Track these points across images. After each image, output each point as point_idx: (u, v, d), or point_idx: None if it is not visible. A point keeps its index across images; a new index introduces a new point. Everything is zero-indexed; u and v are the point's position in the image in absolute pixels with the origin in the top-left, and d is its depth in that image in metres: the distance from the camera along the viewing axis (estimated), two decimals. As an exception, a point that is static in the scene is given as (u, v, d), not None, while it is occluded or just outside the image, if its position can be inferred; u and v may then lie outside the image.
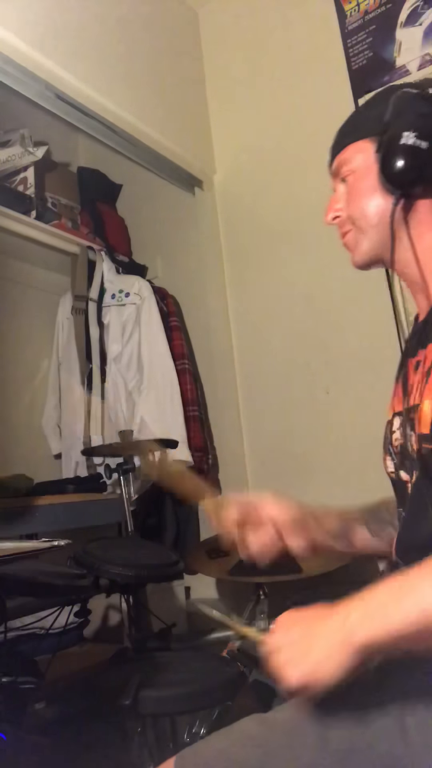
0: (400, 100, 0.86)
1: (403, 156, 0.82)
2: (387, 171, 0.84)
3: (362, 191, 0.89)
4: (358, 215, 0.90)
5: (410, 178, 0.84)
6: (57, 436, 2.45)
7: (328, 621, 0.65)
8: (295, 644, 0.65)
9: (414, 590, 0.62)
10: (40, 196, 2.37)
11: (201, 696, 0.96)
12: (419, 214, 0.87)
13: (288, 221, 2.30)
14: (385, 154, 0.84)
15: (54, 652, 1.39)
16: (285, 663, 0.65)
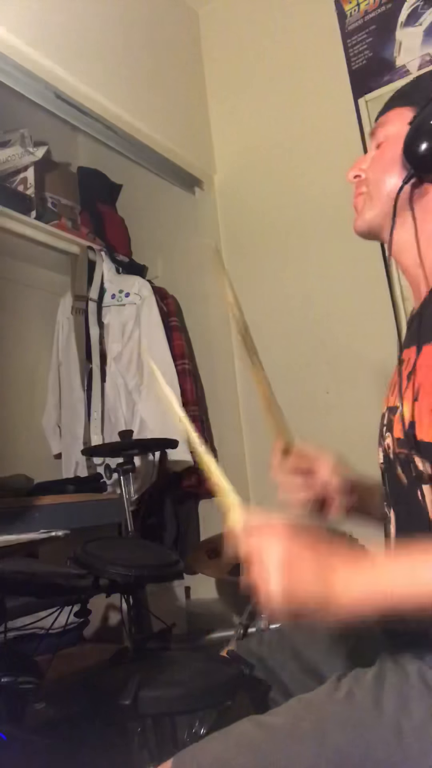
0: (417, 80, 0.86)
1: (427, 136, 0.81)
2: (408, 146, 0.83)
3: (386, 160, 0.88)
4: (374, 181, 0.90)
5: (428, 161, 0.82)
6: (57, 436, 2.45)
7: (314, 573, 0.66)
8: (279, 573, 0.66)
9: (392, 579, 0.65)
10: (40, 196, 2.37)
11: (201, 696, 0.96)
12: (428, 199, 0.85)
13: (288, 221, 2.30)
14: (414, 128, 0.82)
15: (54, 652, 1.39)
16: (266, 585, 0.66)
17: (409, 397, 0.78)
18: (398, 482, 0.83)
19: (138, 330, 2.34)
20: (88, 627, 1.83)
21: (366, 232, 0.92)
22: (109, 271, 2.43)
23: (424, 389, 0.75)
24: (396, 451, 0.81)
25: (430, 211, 0.85)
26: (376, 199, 0.89)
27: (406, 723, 0.67)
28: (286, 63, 2.38)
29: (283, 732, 0.72)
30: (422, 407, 0.75)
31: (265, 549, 0.68)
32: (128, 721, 0.93)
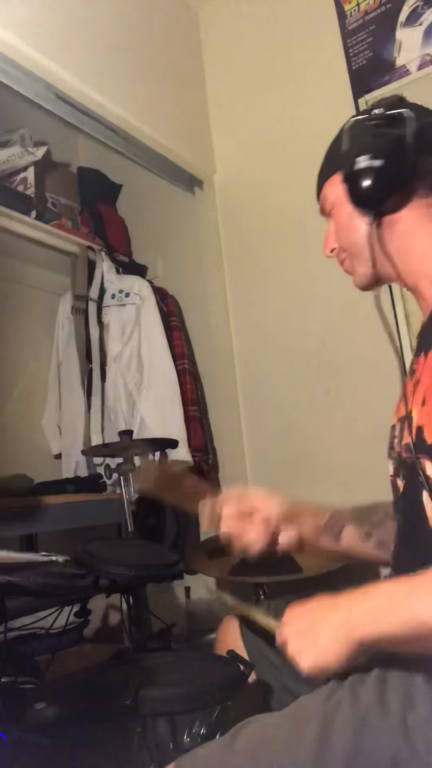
0: (353, 129, 0.92)
1: (362, 179, 0.86)
2: (353, 197, 0.89)
3: (344, 221, 0.94)
4: (346, 243, 0.96)
5: (376, 197, 0.87)
6: (57, 436, 2.45)
7: (333, 614, 0.72)
8: (304, 635, 0.73)
9: (410, 600, 0.67)
10: (40, 196, 2.37)
11: (201, 696, 0.96)
12: (399, 228, 0.89)
13: (288, 221, 2.30)
14: (349, 182, 0.88)
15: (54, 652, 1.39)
16: (296, 652, 0.73)
17: (417, 402, 0.79)
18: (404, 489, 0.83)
19: (138, 330, 2.34)
20: (88, 627, 1.83)
21: (367, 285, 0.97)
22: (109, 271, 2.43)
23: (429, 394, 0.77)
24: (404, 456, 0.81)
25: (407, 235, 0.89)
26: (359, 255, 0.93)
27: (412, 719, 0.67)
28: (286, 63, 2.38)
29: (289, 734, 0.71)
30: (430, 411, 0.76)
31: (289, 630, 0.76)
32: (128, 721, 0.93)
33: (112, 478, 2.01)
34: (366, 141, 0.87)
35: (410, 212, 0.88)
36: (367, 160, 0.85)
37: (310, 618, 0.74)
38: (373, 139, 0.87)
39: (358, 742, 0.67)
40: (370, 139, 0.87)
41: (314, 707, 0.74)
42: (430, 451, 0.76)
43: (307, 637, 0.72)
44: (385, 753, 0.66)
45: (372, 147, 0.86)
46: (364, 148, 0.86)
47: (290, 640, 0.74)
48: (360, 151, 0.87)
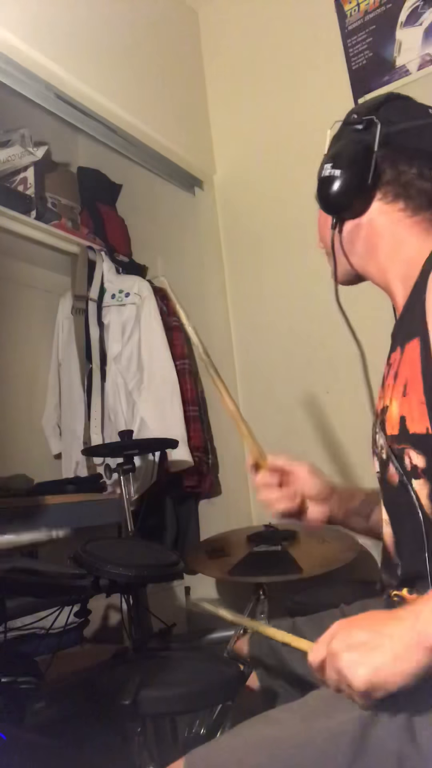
0: (333, 135, 0.95)
1: (324, 187, 0.91)
2: (319, 202, 0.94)
3: (321, 221, 1.01)
4: (323, 242, 1.02)
5: (336, 204, 0.92)
6: (57, 436, 2.45)
7: (397, 622, 0.64)
8: (361, 646, 0.64)
9: None
10: (40, 196, 2.37)
11: (201, 696, 0.96)
12: (366, 230, 0.93)
13: (288, 221, 2.30)
14: (318, 186, 0.93)
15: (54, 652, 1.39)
16: (350, 664, 0.63)
17: (398, 394, 0.81)
18: (391, 482, 0.84)
19: (138, 330, 2.34)
20: (88, 627, 1.83)
21: (346, 281, 1.05)
22: (109, 271, 2.42)
23: (411, 384, 0.78)
24: (390, 446, 0.82)
25: (373, 236, 0.92)
26: (330, 253, 1.00)
27: (417, 721, 0.68)
28: (286, 63, 2.38)
29: (298, 728, 0.72)
30: (411, 401, 0.78)
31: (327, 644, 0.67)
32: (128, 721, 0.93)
33: (112, 478, 2.01)
34: (337, 147, 0.91)
35: (376, 216, 0.91)
36: (329, 169, 0.90)
37: (366, 628, 0.66)
38: (343, 146, 0.90)
39: (365, 738, 0.67)
40: (340, 145, 0.91)
41: (323, 701, 0.74)
42: (413, 440, 0.78)
43: (364, 647, 0.63)
44: (391, 749, 0.67)
45: (338, 154, 0.90)
46: (330, 156, 0.91)
47: (342, 654, 0.64)
48: (327, 158, 0.91)
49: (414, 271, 0.84)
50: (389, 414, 0.83)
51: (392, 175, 0.88)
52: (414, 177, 0.87)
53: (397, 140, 0.88)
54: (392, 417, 0.82)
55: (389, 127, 0.88)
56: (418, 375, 0.77)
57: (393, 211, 0.89)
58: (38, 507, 1.72)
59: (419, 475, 0.78)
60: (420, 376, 0.77)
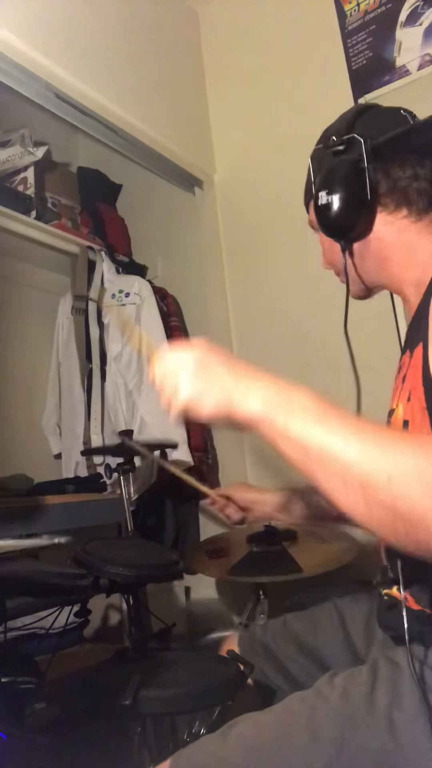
0: (315, 160, 0.97)
1: (326, 213, 0.90)
2: (323, 229, 0.94)
3: (326, 245, 1.01)
4: (332, 264, 1.02)
5: (342, 228, 0.92)
6: (57, 436, 2.45)
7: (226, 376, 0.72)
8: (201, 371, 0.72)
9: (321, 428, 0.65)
10: (40, 196, 2.37)
11: (201, 696, 0.96)
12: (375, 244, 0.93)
13: (288, 221, 2.30)
14: (317, 215, 0.93)
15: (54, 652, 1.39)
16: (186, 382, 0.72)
17: (403, 398, 0.82)
18: None
19: (138, 330, 2.34)
20: (88, 627, 1.83)
21: (361, 296, 1.05)
22: (109, 271, 2.42)
23: (415, 389, 0.79)
24: None
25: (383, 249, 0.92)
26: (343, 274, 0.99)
27: (398, 716, 0.69)
28: (286, 63, 2.38)
29: (278, 728, 0.73)
30: (414, 406, 0.78)
31: (178, 357, 0.76)
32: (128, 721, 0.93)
33: (112, 478, 2.01)
34: (325, 171, 0.91)
35: (382, 228, 0.91)
36: (324, 197, 0.90)
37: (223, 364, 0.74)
38: (331, 169, 0.90)
39: (344, 736, 0.69)
40: (328, 169, 0.91)
41: (303, 702, 0.75)
42: None
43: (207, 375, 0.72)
44: (371, 746, 0.68)
45: (328, 181, 0.90)
46: (322, 183, 0.91)
47: (188, 367, 0.73)
48: (319, 185, 0.91)
49: (427, 276, 0.84)
50: (395, 417, 0.84)
51: (388, 185, 0.88)
52: (410, 180, 0.87)
53: (384, 149, 0.88)
54: (397, 420, 0.82)
55: (373, 140, 0.88)
56: (421, 381, 0.78)
57: (397, 219, 0.89)
58: (38, 507, 1.71)
59: None
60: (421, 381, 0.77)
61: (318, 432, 0.62)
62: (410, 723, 0.67)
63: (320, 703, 0.73)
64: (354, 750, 0.68)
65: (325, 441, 0.61)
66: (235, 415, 0.68)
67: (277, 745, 0.71)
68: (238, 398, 0.68)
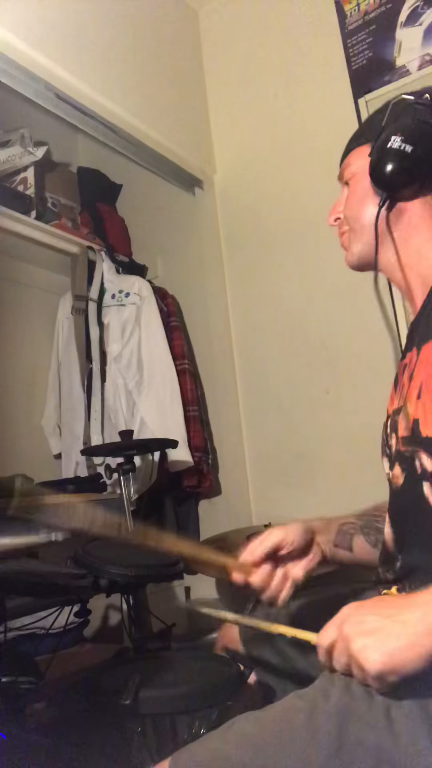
0: (397, 106, 0.89)
1: (388, 159, 0.86)
2: (374, 174, 0.88)
3: (358, 194, 0.94)
4: (352, 217, 0.95)
5: (395, 181, 0.87)
6: (57, 436, 2.45)
7: (411, 609, 0.64)
8: (375, 631, 0.64)
9: None
10: (40, 196, 2.37)
11: (201, 696, 0.96)
12: (407, 217, 0.90)
13: (288, 221, 2.30)
14: (375, 157, 0.88)
15: (54, 652, 1.39)
16: (364, 649, 0.63)
17: (412, 396, 0.80)
18: (396, 482, 0.84)
19: (138, 330, 2.34)
20: (88, 627, 1.83)
21: (357, 264, 0.97)
22: (109, 271, 2.42)
23: (426, 386, 0.78)
24: (401, 449, 0.82)
25: (411, 227, 0.89)
26: (359, 232, 0.94)
27: (396, 712, 0.68)
28: (286, 63, 2.38)
29: (278, 724, 0.73)
30: (426, 404, 0.77)
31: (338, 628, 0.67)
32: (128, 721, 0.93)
33: (112, 478, 2.01)
34: (405, 123, 0.87)
35: (422, 205, 0.89)
36: (399, 142, 0.85)
37: (379, 614, 0.66)
38: (412, 124, 0.86)
39: (343, 732, 0.68)
40: (409, 122, 0.86)
41: (303, 699, 0.75)
42: (425, 444, 0.77)
43: (378, 632, 0.63)
44: (370, 743, 0.67)
45: (408, 131, 0.85)
46: (401, 129, 0.86)
47: (355, 638, 0.65)
48: (396, 130, 0.86)
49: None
50: (402, 416, 0.82)
51: None
52: None
53: None
54: (406, 419, 0.81)
55: None
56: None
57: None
58: (38, 507, 1.71)
59: (428, 479, 0.77)
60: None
61: None
62: (408, 720, 0.67)
63: (320, 700, 0.73)
64: (353, 746, 0.68)
65: None
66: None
67: (278, 741, 0.71)
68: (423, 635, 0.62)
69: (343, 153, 1.00)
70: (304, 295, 2.22)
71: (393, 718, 0.68)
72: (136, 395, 2.29)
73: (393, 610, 0.66)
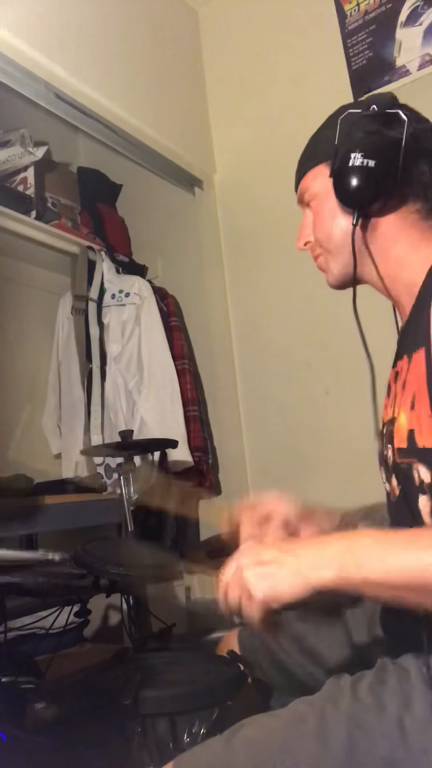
0: (346, 122, 0.88)
1: (353, 177, 0.84)
2: (340, 194, 0.87)
3: (325, 215, 0.92)
4: (324, 239, 0.93)
5: (364, 198, 0.85)
6: (57, 436, 2.45)
7: (306, 546, 0.71)
8: (267, 562, 0.69)
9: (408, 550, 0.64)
10: (40, 196, 2.37)
11: (201, 696, 0.96)
12: (381, 230, 0.88)
13: (288, 221, 2.29)
14: (337, 177, 0.86)
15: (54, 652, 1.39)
16: (253, 576, 0.69)
17: (406, 406, 0.79)
18: (393, 494, 0.83)
19: (138, 330, 2.34)
20: (88, 627, 1.83)
21: (341, 283, 0.96)
22: (109, 271, 2.42)
23: (419, 396, 0.76)
24: (397, 460, 0.81)
25: (387, 239, 0.88)
26: (335, 252, 0.92)
27: (408, 720, 0.68)
28: (286, 63, 2.38)
29: (285, 733, 0.72)
30: (420, 414, 0.76)
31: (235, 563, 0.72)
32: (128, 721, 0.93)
33: (112, 478, 2.01)
34: (359, 137, 0.85)
35: (395, 216, 0.87)
36: (360, 158, 0.83)
37: (275, 548, 0.72)
38: (367, 137, 0.84)
39: (353, 742, 0.67)
40: (363, 136, 0.85)
41: (311, 707, 0.74)
42: (421, 455, 0.76)
43: (268, 565, 0.69)
44: (381, 752, 0.67)
45: (366, 145, 0.84)
46: (358, 145, 0.84)
47: (247, 568, 0.70)
48: (353, 146, 0.84)
49: (419, 278, 0.82)
50: (397, 426, 0.80)
51: (413, 175, 0.85)
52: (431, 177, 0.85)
53: (422, 138, 0.85)
54: (401, 430, 0.79)
55: (416, 125, 0.84)
56: (425, 387, 0.75)
57: (409, 213, 0.87)
58: (38, 507, 1.72)
59: (425, 491, 0.76)
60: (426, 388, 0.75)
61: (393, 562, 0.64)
62: (422, 730, 0.66)
63: (329, 708, 0.71)
64: (364, 756, 0.67)
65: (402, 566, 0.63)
66: (316, 589, 0.66)
67: (285, 749, 0.69)
68: (309, 576, 0.67)
69: (297, 176, 0.98)
70: (304, 295, 2.22)
71: (406, 728, 0.67)
72: (136, 395, 2.29)
73: (291, 546, 0.72)
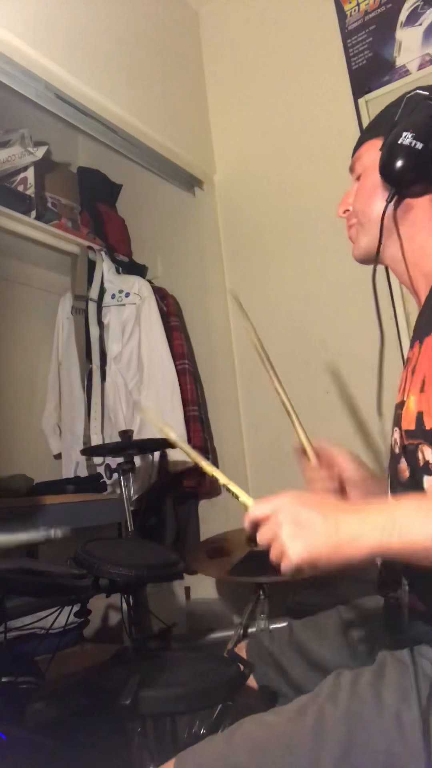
0: (411, 101, 0.89)
1: (398, 155, 0.86)
2: (384, 169, 0.88)
3: (367, 188, 0.94)
4: (360, 211, 0.95)
5: (404, 178, 0.87)
6: (57, 436, 2.45)
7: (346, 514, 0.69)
8: (306, 525, 0.69)
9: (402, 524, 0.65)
10: (40, 196, 2.37)
11: (201, 696, 0.96)
12: (414, 214, 0.90)
13: (288, 221, 2.30)
14: (385, 152, 0.88)
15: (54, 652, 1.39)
16: (291, 537, 0.69)
17: (415, 389, 0.80)
18: (401, 477, 0.84)
19: (138, 330, 2.34)
20: (88, 627, 1.83)
21: (364, 257, 0.98)
22: (109, 271, 2.42)
23: (429, 380, 0.78)
24: (405, 442, 0.82)
25: (416, 224, 0.90)
26: (366, 226, 0.94)
27: (406, 715, 0.68)
28: (286, 63, 2.38)
29: (285, 728, 0.72)
30: (430, 397, 0.77)
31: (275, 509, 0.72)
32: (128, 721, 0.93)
33: (112, 478, 2.01)
34: (418, 119, 0.87)
35: (429, 202, 0.89)
36: (410, 139, 0.85)
37: (315, 510, 0.70)
38: (425, 120, 0.86)
39: (352, 736, 0.68)
40: (421, 118, 0.86)
41: (311, 703, 0.74)
42: (429, 436, 0.77)
43: (307, 529, 0.68)
44: (379, 747, 0.67)
45: (420, 127, 0.85)
46: (413, 126, 0.86)
47: (285, 525, 0.69)
48: (408, 126, 0.86)
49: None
50: (406, 409, 0.82)
51: None
52: None
53: None
54: (409, 412, 0.81)
55: None
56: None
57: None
58: (38, 507, 1.72)
59: (429, 472, 0.77)
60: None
61: None
62: (419, 722, 0.67)
63: (328, 704, 0.72)
64: (361, 751, 0.67)
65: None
66: (354, 556, 0.67)
67: (284, 745, 0.70)
68: (347, 542, 0.67)
69: (356, 144, 1.00)
70: (304, 295, 2.22)
71: (403, 722, 0.67)
72: (136, 395, 2.29)
73: (330, 510, 0.70)
